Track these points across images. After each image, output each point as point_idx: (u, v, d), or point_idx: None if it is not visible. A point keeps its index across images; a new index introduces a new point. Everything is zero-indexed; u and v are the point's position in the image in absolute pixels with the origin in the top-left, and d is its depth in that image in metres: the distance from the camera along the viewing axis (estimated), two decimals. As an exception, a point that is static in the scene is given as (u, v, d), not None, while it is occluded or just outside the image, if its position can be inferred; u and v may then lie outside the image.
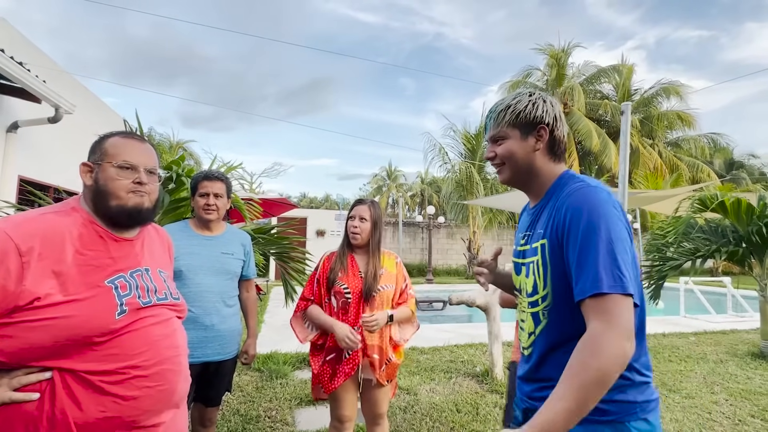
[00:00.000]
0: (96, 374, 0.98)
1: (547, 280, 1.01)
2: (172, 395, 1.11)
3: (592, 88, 20.31)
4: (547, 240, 1.01)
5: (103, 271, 1.03)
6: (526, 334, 1.10)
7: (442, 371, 4.07)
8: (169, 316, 1.16)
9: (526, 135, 1.08)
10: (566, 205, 0.98)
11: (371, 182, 38.25)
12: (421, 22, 63.51)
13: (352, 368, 1.96)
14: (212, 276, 2.01)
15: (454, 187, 13.57)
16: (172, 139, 22.29)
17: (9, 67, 4.20)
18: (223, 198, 2.09)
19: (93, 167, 1.10)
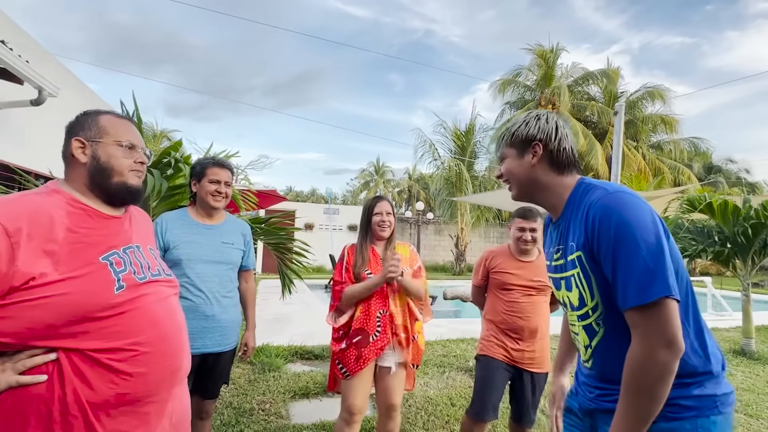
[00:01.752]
0: (103, 352, 0.97)
1: (593, 290, 1.01)
2: (178, 371, 1.12)
3: (580, 89, 20.60)
4: (582, 252, 1.02)
5: (97, 248, 1.03)
6: (582, 347, 1.11)
7: (435, 365, 4.08)
8: (167, 294, 1.16)
9: (522, 153, 1.14)
10: (591, 216, 0.98)
11: (359, 177, 38.10)
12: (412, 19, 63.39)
13: (381, 348, 2.01)
14: (212, 265, 1.97)
15: (443, 184, 13.61)
16: (155, 128, 21.76)
17: (-10, 45, 4.01)
18: (230, 187, 2.06)
19: (88, 144, 1.09)
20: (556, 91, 18.67)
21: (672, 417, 0.94)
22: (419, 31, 66.37)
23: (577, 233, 1.03)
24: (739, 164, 25.06)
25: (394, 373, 2.07)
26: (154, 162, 2.32)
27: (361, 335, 2.03)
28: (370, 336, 2.02)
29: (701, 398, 0.96)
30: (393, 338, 2.06)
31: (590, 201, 1.01)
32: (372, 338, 2.01)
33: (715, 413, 0.96)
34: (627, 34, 58.89)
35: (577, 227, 1.03)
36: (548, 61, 19.28)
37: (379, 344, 2.02)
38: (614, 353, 0.98)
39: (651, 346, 0.87)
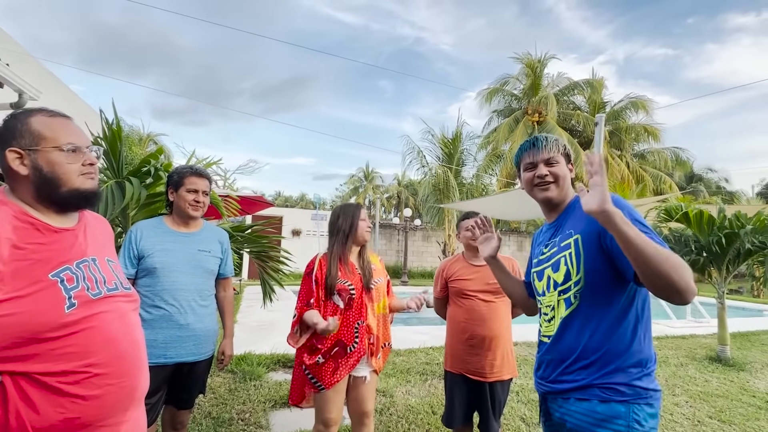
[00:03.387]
0: (52, 375, 0.92)
1: (580, 266, 1.21)
2: (134, 392, 1.07)
3: (566, 98, 20.97)
4: (581, 234, 1.23)
5: (47, 264, 0.97)
6: (557, 320, 1.28)
7: (418, 373, 4.09)
8: (125, 309, 1.10)
9: (567, 164, 1.40)
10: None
11: (348, 182, 38.11)
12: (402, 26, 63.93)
13: (357, 360, 2.00)
14: (188, 274, 1.95)
15: (430, 191, 13.68)
16: (142, 132, 21.45)
17: (-31, 47, 3.94)
18: (208, 196, 2.06)
19: (25, 154, 1.00)
20: (543, 100, 18.97)
21: (610, 399, 1.14)
22: (409, 38, 67.01)
23: (579, 221, 1.25)
24: (719, 173, 25.71)
25: (368, 382, 2.08)
26: (134, 170, 2.31)
27: (338, 347, 2.00)
28: (348, 347, 2.00)
29: (638, 389, 1.14)
30: (368, 348, 2.06)
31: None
32: (349, 349, 2.00)
33: (647, 403, 1.14)
34: (612, 44, 60.28)
35: (579, 217, 1.24)
36: (536, 71, 19.62)
37: (356, 356, 2.00)
38: (584, 323, 1.20)
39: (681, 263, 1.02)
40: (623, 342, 1.17)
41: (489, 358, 2.24)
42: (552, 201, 1.39)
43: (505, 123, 19.59)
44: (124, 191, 2.10)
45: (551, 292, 1.30)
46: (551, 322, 1.29)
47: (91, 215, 1.19)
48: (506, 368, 2.29)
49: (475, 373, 2.26)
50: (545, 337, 1.32)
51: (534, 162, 1.39)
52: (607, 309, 1.18)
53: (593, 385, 1.17)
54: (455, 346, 2.34)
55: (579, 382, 1.19)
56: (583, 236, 1.22)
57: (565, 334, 1.24)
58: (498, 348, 2.26)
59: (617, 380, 1.14)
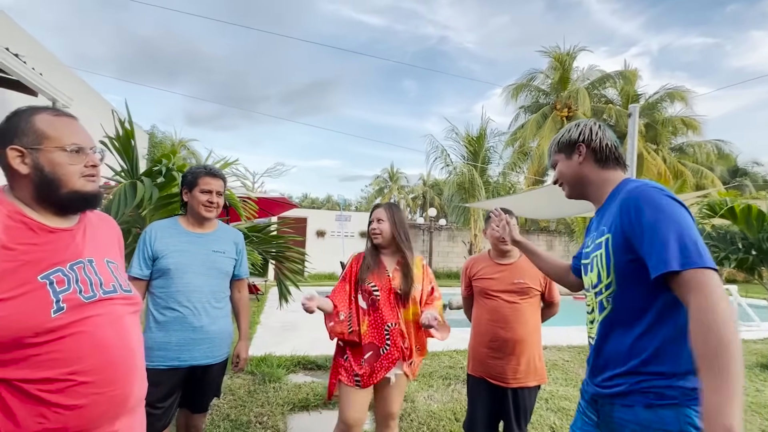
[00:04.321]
0: (34, 383, 0.88)
1: (610, 269, 1.12)
2: (126, 400, 1.01)
3: (597, 92, 20.20)
4: (611, 234, 1.13)
5: (37, 265, 0.92)
6: (592, 321, 1.23)
7: (441, 377, 3.95)
8: (120, 314, 1.04)
9: (570, 155, 1.31)
10: (627, 201, 1.08)
11: (373, 183, 38.16)
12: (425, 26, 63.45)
13: (392, 362, 1.98)
14: (202, 275, 1.91)
15: (455, 190, 13.44)
16: (174, 137, 22.20)
17: (4, 59, 4.11)
18: (222, 196, 2.01)
19: (27, 153, 0.96)
20: (572, 94, 18.34)
21: (656, 404, 1.02)
22: (433, 37, 66.49)
23: (611, 218, 1.14)
24: (766, 167, 24.10)
25: (394, 383, 2.05)
26: (147, 171, 2.30)
27: (371, 350, 1.99)
28: (380, 349, 1.98)
29: (685, 389, 1.01)
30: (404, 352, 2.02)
31: (627, 189, 1.12)
32: (382, 351, 1.98)
33: (695, 404, 0.99)
34: (645, 36, 57.68)
35: (612, 213, 1.14)
36: (564, 64, 19.00)
37: (390, 357, 1.98)
38: (617, 328, 1.13)
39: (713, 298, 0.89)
40: (662, 345, 1.05)
41: (512, 363, 2.11)
42: (580, 197, 1.35)
43: (532, 119, 19.06)
44: (135, 191, 2.08)
45: (589, 292, 1.25)
46: (593, 324, 1.24)
47: (95, 215, 1.15)
48: (532, 375, 2.14)
49: (497, 377, 2.13)
50: (590, 338, 1.27)
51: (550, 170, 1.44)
52: (643, 313, 1.07)
53: (633, 391, 1.07)
54: (477, 349, 2.21)
55: (620, 388, 1.10)
56: (613, 236, 1.12)
57: (603, 338, 1.18)
58: (522, 353, 2.12)
59: (659, 384, 1.03)
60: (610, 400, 1.13)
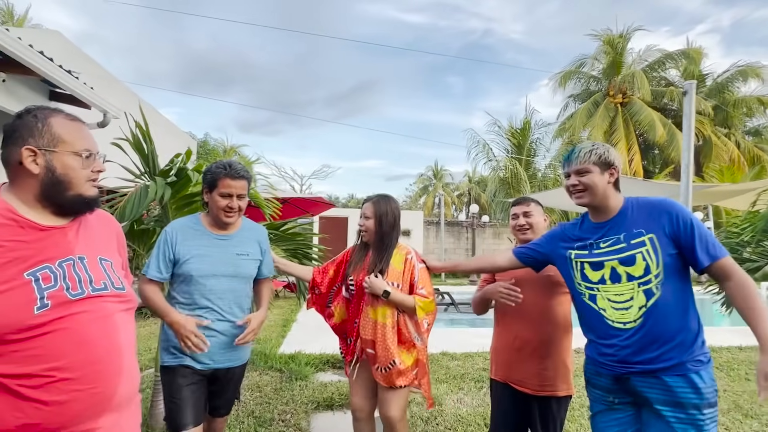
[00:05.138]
0: (12, 378, 0.88)
1: (659, 260, 1.42)
2: (110, 399, 1.00)
3: (656, 74, 18.68)
4: (653, 233, 1.45)
5: (24, 262, 0.93)
6: (636, 308, 1.44)
7: (473, 380, 3.76)
8: (109, 312, 1.04)
9: (603, 172, 1.53)
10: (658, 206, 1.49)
11: (417, 182, 37.93)
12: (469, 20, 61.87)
13: (351, 354, 2.08)
14: (225, 280, 1.80)
15: (499, 185, 12.97)
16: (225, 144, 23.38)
17: (58, 75, 4.46)
18: (245, 197, 1.83)
19: (40, 153, 0.99)
20: (627, 79, 17.10)
21: (696, 368, 1.39)
22: (477, 31, 64.73)
23: (649, 222, 1.47)
24: None
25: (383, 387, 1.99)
26: (161, 171, 2.36)
27: (343, 337, 2.16)
28: (348, 339, 2.11)
29: (707, 354, 1.44)
30: (366, 352, 2.01)
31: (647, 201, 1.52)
32: (348, 341, 2.09)
33: (711, 362, 1.45)
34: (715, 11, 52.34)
35: (649, 217, 1.47)
36: (617, 48, 17.74)
37: (351, 350, 2.07)
38: (665, 310, 1.41)
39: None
40: (694, 321, 1.44)
41: (538, 368, 1.86)
42: (589, 206, 1.58)
43: (582, 108, 18.00)
44: (147, 190, 2.13)
45: (625, 282, 1.47)
46: (628, 310, 1.45)
47: (94, 214, 1.16)
48: (561, 382, 1.88)
49: (520, 383, 1.90)
50: (620, 323, 1.47)
51: (568, 172, 1.61)
52: (682, 295, 1.43)
53: (684, 361, 1.39)
54: (501, 350, 2.00)
55: (672, 361, 1.39)
56: (657, 236, 1.44)
57: (651, 321, 1.41)
58: (549, 356, 1.87)
59: (698, 353, 1.41)
60: (660, 372, 1.39)
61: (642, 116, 16.59)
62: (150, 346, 4.59)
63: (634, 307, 1.44)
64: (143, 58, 52.50)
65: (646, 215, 1.48)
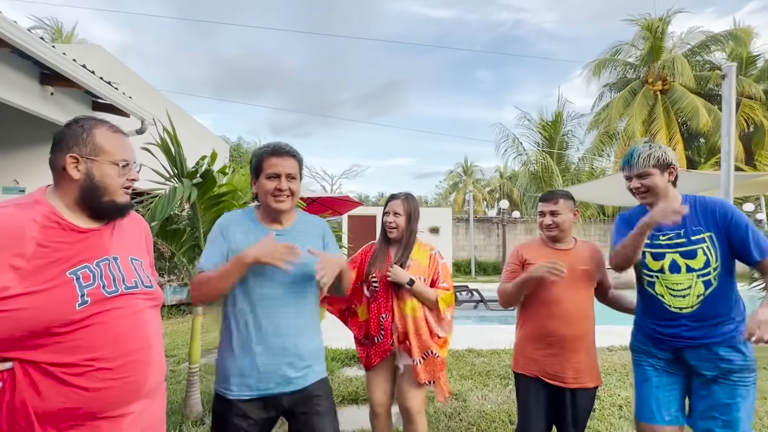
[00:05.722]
0: (58, 366, 0.97)
1: (717, 255, 1.66)
2: (141, 387, 1.10)
3: (699, 58, 17.60)
4: (712, 231, 1.67)
5: (66, 262, 1.02)
6: (694, 296, 1.68)
7: (499, 377, 3.72)
8: (139, 308, 1.13)
9: (663, 172, 1.72)
10: (718, 209, 1.69)
11: (447, 179, 37.57)
12: (498, 12, 60.40)
13: (385, 351, 2.04)
14: (283, 284, 1.50)
15: (530, 179, 12.65)
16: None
17: (100, 87, 4.77)
18: (297, 180, 1.55)
19: (82, 160, 1.08)
20: (667, 64, 16.21)
21: (737, 342, 1.64)
22: (507, 23, 63.17)
23: (708, 221, 1.69)
24: None
25: (402, 374, 2.07)
26: (188, 173, 2.49)
27: (367, 337, 2.11)
28: (375, 338, 2.06)
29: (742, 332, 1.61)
30: (398, 345, 2.04)
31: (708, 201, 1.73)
32: (377, 340, 2.05)
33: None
34: (768, -15, 48.49)
35: (707, 217, 1.69)
36: (656, 32, 16.84)
37: (382, 347, 2.03)
38: (719, 297, 1.65)
39: None
40: (739, 303, 1.69)
41: (572, 361, 1.87)
42: (652, 205, 1.73)
43: (618, 97, 17.22)
44: (174, 191, 2.25)
45: (685, 273, 1.68)
46: (685, 298, 1.68)
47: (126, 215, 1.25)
48: (590, 374, 1.90)
49: (554, 377, 1.88)
50: (677, 309, 1.70)
51: (629, 176, 1.78)
52: (730, 284, 1.68)
53: (734, 335, 1.65)
54: (529, 345, 1.97)
55: (726, 335, 1.64)
56: (715, 234, 1.67)
57: (707, 306, 1.65)
58: (582, 349, 1.88)
59: (742, 328, 1.62)
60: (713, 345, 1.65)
61: (684, 103, 15.69)
62: (185, 341, 4.82)
63: (692, 295, 1.68)
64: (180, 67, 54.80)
65: (706, 214, 1.70)
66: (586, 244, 2.05)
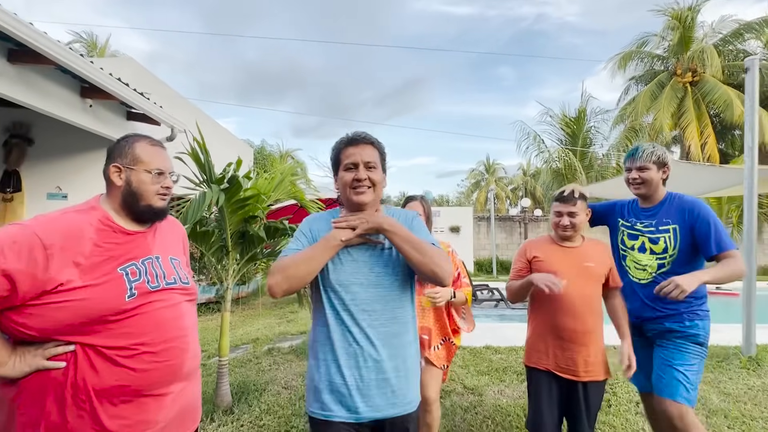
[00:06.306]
0: (111, 349, 1.13)
1: (676, 245, 1.98)
2: (179, 370, 1.25)
3: (732, 48, 16.86)
4: (678, 225, 1.97)
5: (117, 260, 1.18)
6: (649, 272, 2.05)
7: (515, 373, 3.77)
8: (177, 301, 1.28)
9: (659, 169, 2.03)
10: (690, 206, 1.97)
11: (468, 177, 37.28)
12: (520, 6, 59.47)
13: None
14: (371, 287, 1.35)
15: (552, 177, 12.47)
16: (281, 149, 24.53)
17: (133, 98, 5.09)
18: (378, 170, 1.42)
19: (123, 169, 1.25)
20: (698, 55, 15.64)
21: (693, 318, 1.97)
22: (529, 17, 62.16)
23: (676, 215, 1.99)
24: None
25: (424, 368, 2.14)
26: (216, 179, 2.68)
27: None
28: None
29: (705, 311, 2.00)
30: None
31: (681, 199, 2.02)
32: None
33: (709, 319, 2.01)
34: (809, -34, 45.58)
35: (678, 213, 1.98)
36: (685, 22, 16.26)
37: None
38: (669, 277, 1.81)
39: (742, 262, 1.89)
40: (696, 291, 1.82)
41: (583, 354, 1.94)
42: (642, 196, 2.10)
43: (645, 90, 16.72)
44: (204, 195, 2.44)
45: (648, 254, 2.05)
46: (644, 271, 2.06)
47: (165, 220, 1.41)
48: (601, 367, 1.97)
49: (565, 370, 1.96)
50: (636, 279, 2.09)
51: (630, 167, 2.07)
52: (687, 269, 1.91)
53: (681, 312, 1.97)
54: (541, 339, 2.05)
55: (672, 310, 1.98)
56: (679, 227, 1.97)
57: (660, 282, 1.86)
58: (591, 343, 1.95)
59: (695, 309, 1.98)
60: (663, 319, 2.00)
61: (716, 95, 15.10)
62: (215, 337, 5.08)
63: (647, 271, 2.06)
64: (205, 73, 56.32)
65: (679, 210, 1.99)
66: (593, 242, 2.08)
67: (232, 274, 3.16)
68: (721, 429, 2.74)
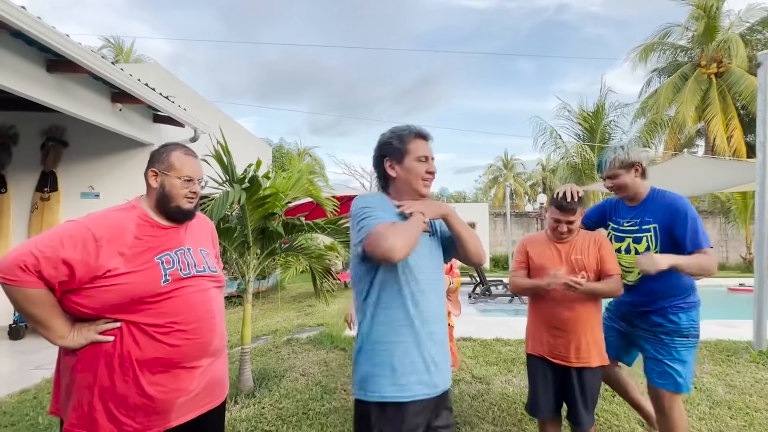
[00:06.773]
0: (151, 326, 1.32)
1: (657, 243, 2.04)
2: (208, 346, 1.44)
3: (761, 37, 16.28)
4: (657, 224, 2.03)
5: (154, 250, 1.37)
6: (635, 273, 2.10)
7: (523, 364, 3.85)
8: (206, 287, 1.48)
9: (628, 171, 2.07)
10: (669, 204, 2.02)
11: (486, 173, 36.99)
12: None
13: None
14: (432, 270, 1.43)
15: (569, 173, 12.37)
16: (299, 147, 24.88)
17: (159, 101, 5.37)
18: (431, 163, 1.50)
19: (159, 174, 1.45)
20: (723, 45, 15.19)
21: (677, 311, 2.06)
22: (550, 8, 60.91)
23: (656, 214, 2.03)
24: None
25: None
26: (238, 179, 2.89)
27: None
28: None
29: (690, 302, 2.08)
30: None
31: (663, 197, 2.07)
32: None
33: (696, 309, 2.09)
34: None
35: (657, 211, 2.03)
36: (709, 11, 15.79)
37: None
38: (657, 277, 1.90)
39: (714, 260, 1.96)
40: (681, 282, 2.04)
41: (574, 342, 2.06)
42: (625, 198, 2.18)
43: (668, 83, 16.33)
44: (227, 195, 2.66)
45: (634, 255, 2.07)
46: (631, 273, 2.11)
47: (196, 217, 1.59)
48: (595, 354, 2.07)
49: (558, 356, 2.09)
50: (626, 281, 2.12)
51: (603, 178, 2.16)
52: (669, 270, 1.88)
53: (665, 307, 2.07)
54: (536, 328, 2.20)
55: (657, 306, 2.08)
56: (659, 226, 2.03)
57: (647, 282, 2.04)
58: (584, 331, 2.06)
59: (679, 302, 2.07)
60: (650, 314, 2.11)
61: (743, 86, 14.63)
62: (236, 328, 5.35)
63: (634, 273, 2.11)
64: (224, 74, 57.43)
65: (660, 208, 2.04)
66: (586, 234, 2.17)
67: (253, 268, 3.38)
68: (724, 419, 2.80)
